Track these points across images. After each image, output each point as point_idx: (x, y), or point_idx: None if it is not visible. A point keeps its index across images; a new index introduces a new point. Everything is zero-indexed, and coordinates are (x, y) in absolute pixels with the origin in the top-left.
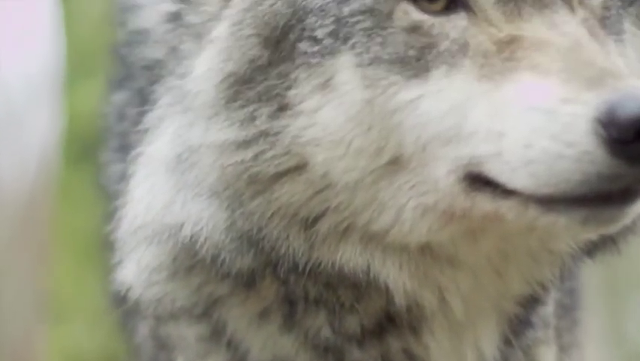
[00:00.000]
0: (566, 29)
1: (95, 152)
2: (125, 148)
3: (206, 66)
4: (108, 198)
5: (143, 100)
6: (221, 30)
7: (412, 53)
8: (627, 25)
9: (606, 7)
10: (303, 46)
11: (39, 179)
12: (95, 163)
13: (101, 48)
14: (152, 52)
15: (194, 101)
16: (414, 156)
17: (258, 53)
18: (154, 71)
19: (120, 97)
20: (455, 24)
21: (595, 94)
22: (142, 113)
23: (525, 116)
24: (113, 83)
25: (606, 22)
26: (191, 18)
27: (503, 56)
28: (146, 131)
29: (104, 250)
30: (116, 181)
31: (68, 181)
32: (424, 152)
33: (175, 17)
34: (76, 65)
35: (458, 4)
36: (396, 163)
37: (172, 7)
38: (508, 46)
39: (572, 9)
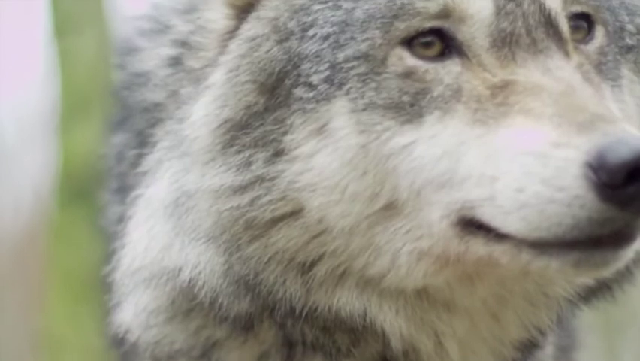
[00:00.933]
0: (560, 74)
1: (89, 192)
2: (124, 189)
3: (203, 112)
4: (107, 239)
5: (143, 142)
6: (217, 76)
7: (405, 98)
8: (625, 71)
9: (602, 53)
10: (299, 92)
11: (33, 218)
12: (89, 204)
13: (95, 90)
14: (152, 95)
15: (191, 146)
16: (408, 200)
17: (254, 99)
18: (154, 114)
19: (119, 138)
20: (449, 69)
21: (586, 138)
22: (141, 156)
23: (517, 160)
24: (112, 125)
25: (602, 68)
26: (192, 63)
27: (497, 100)
28: (145, 173)
29: (100, 290)
30: (114, 222)
31: (62, 221)
32: (418, 196)
33: (175, 62)
34: (71, 107)
35: (452, 50)
36: (391, 208)
37: (172, 52)
38: (502, 91)
39: (567, 54)
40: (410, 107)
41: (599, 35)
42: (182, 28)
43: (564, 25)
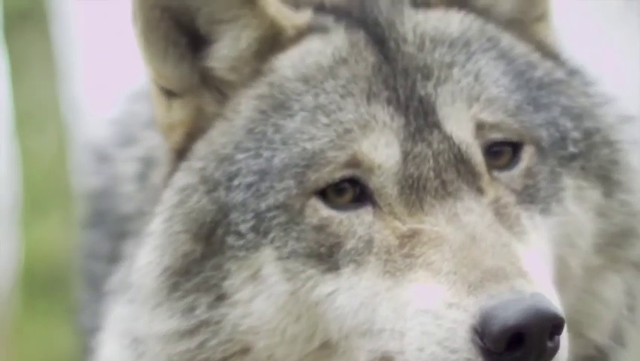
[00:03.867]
0: (466, 220)
1: (51, 289)
2: (96, 292)
3: (146, 260)
4: (81, 337)
5: (113, 254)
6: (155, 225)
7: (323, 250)
8: (568, 181)
9: (530, 175)
10: (231, 240)
11: None
12: (51, 299)
13: (56, 187)
14: (122, 206)
15: (138, 292)
16: (340, 342)
17: (190, 248)
18: (123, 225)
19: (92, 240)
20: (362, 219)
21: (474, 300)
22: (110, 268)
23: (418, 318)
24: (86, 225)
25: (530, 192)
26: (156, 180)
27: (404, 251)
28: (112, 292)
29: None
30: (87, 329)
31: (24, 316)
32: (346, 340)
33: (141, 177)
34: (32, 203)
35: (366, 197)
36: (327, 347)
37: (140, 165)
38: (410, 240)
39: (480, 191)
40: (328, 257)
41: (526, 157)
42: (149, 141)
43: (477, 158)
